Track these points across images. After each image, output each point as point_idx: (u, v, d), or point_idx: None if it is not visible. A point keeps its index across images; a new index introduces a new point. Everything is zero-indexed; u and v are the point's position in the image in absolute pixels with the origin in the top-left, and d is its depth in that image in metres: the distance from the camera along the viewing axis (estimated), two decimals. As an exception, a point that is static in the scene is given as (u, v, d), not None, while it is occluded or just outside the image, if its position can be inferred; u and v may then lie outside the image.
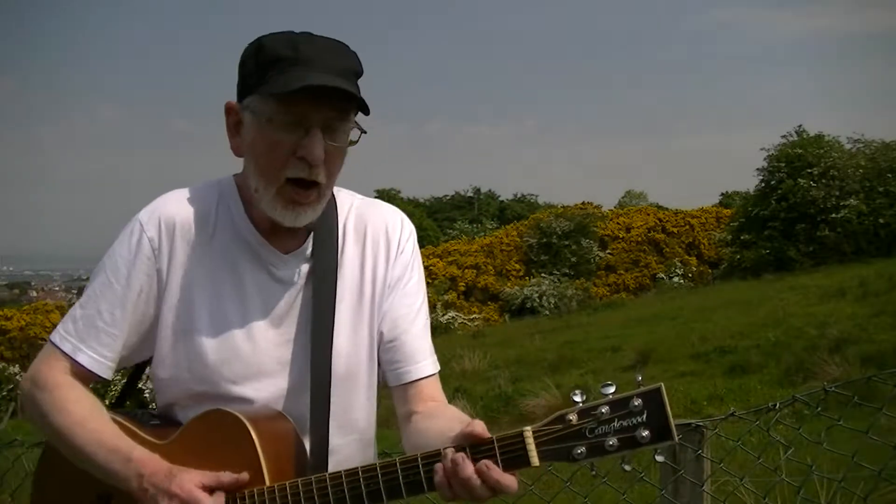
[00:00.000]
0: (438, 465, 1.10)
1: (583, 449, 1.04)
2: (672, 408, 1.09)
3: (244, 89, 1.29)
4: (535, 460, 1.06)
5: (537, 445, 1.06)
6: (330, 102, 1.24)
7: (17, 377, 19.79)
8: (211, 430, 1.28)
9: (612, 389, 1.05)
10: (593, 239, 28.33)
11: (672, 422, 1.01)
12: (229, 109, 1.33)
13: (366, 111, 1.27)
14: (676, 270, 26.88)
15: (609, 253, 28.41)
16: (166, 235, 1.35)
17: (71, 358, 1.33)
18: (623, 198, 45.26)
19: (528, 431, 1.07)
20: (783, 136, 23.75)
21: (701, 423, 2.34)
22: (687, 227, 28.90)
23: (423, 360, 1.40)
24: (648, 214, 30.55)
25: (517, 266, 27.29)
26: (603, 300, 25.55)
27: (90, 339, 1.33)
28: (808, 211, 21.82)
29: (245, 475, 1.23)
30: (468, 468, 1.07)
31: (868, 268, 16.80)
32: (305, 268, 1.37)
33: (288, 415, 1.35)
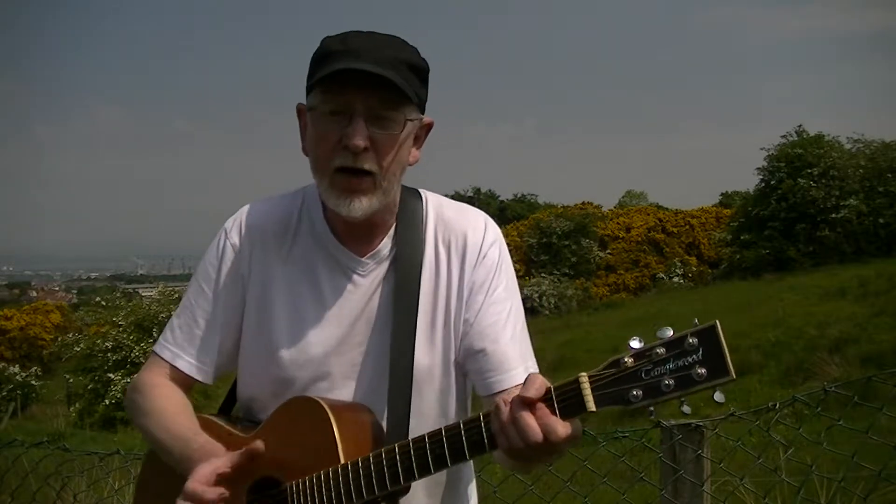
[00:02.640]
0: (494, 412, 1.09)
1: (639, 391, 1.01)
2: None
3: (307, 89, 1.29)
4: (591, 405, 1.03)
5: (593, 390, 1.04)
6: (372, 90, 1.22)
7: (17, 377, 19.76)
8: (291, 417, 1.31)
9: (669, 332, 1.02)
10: (593, 239, 28.35)
11: (728, 358, 0.97)
12: (299, 112, 1.34)
13: (409, 100, 1.25)
14: (676, 270, 26.87)
15: (609, 253, 28.42)
16: (248, 241, 1.39)
17: (171, 364, 1.40)
18: (623, 198, 45.29)
19: (584, 377, 1.05)
20: (783, 136, 23.81)
21: (701, 423, 2.34)
22: (687, 227, 28.90)
23: (513, 369, 1.33)
24: (648, 214, 30.57)
25: (517, 266, 26.33)
26: (603, 300, 25.59)
27: (188, 346, 1.40)
28: (808, 211, 21.83)
29: (240, 454, 1.24)
30: (521, 409, 1.06)
31: (868, 268, 16.79)
32: (382, 269, 1.36)
33: None
